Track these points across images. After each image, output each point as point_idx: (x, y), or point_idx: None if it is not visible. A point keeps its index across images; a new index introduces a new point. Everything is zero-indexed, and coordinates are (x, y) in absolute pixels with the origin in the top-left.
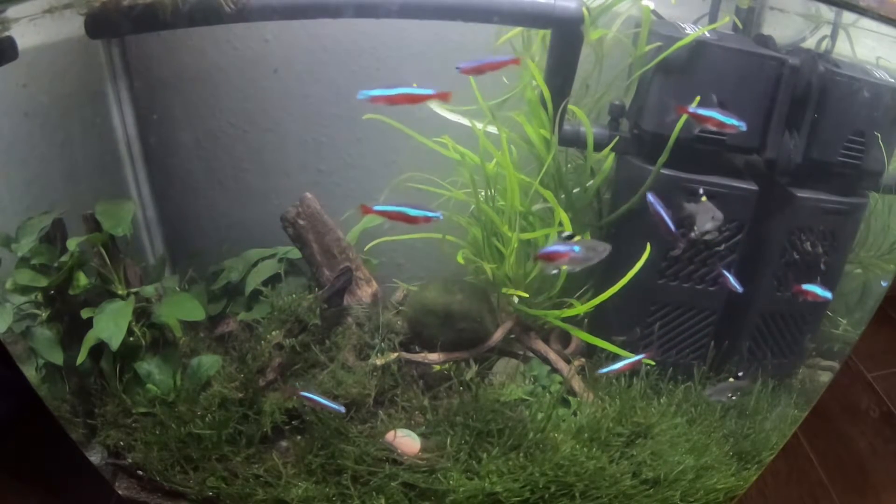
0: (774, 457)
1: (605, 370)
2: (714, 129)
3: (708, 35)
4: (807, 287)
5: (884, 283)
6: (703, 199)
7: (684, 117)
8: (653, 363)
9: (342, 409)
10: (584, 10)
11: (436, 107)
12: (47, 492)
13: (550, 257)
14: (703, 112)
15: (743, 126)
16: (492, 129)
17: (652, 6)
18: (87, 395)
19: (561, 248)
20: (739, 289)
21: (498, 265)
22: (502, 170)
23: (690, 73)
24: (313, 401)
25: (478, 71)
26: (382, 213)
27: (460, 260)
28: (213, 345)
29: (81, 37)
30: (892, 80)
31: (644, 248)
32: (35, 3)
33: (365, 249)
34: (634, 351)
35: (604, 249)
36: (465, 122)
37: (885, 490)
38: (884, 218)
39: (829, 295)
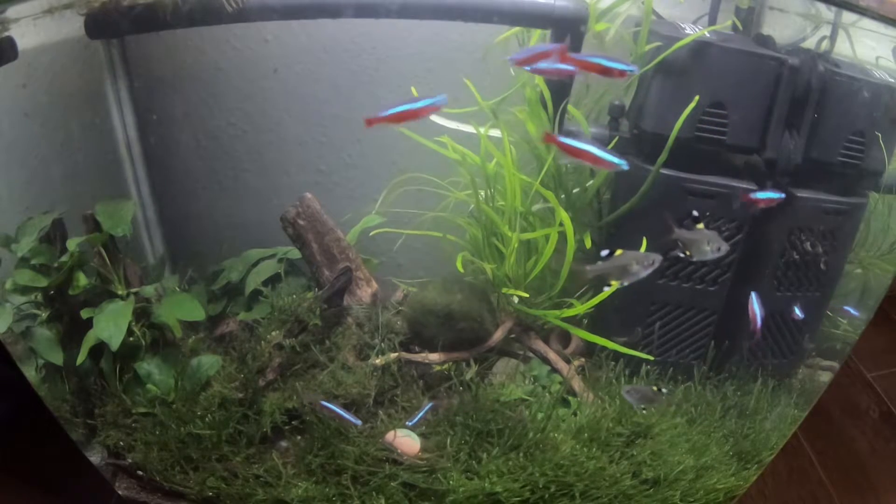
0: (774, 457)
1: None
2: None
3: (708, 35)
4: (759, 195)
5: None
6: (700, 225)
7: (683, 117)
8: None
9: (359, 423)
10: (588, 6)
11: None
12: (47, 492)
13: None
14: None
15: (634, 70)
16: (493, 132)
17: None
18: (87, 395)
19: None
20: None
21: (498, 265)
22: (502, 170)
23: (690, 73)
24: (333, 412)
25: (528, 62)
26: (566, 148)
27: (459, 267)
28: (213, 345)
29: (81, 37)
30: (892, 80)
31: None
32: (35, 3)
33: (370, 234)
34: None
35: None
36: (467, 128)
37: (885, 490)
38: (884, 218)
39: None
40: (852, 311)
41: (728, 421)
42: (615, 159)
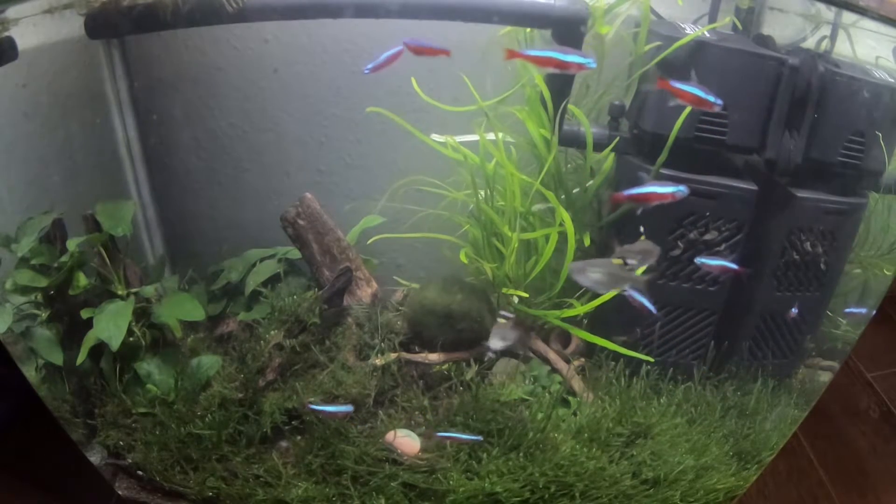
0: (774, 457)
1: None
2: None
3: (708, 35)
4: (709, 262)
5: None
6: (642, 237)
7: (683, 117)
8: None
9: (350, 408)
10: (588, 6)
11: (441, 138)
12: (47, 492)
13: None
14: (682, 86)
15: (720, 102)
16: (491, 136)
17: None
18: (87, 395)
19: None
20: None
21: (498, 265)
22: (502, 170)
23: (690, 73)
24: (323, 412)
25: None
26: (532, 59)
27: (463, 259)
28: (213, 345)
29: (81, 37)
30: (892, 80)
31: None
32: (35, 3)
33: (368, 243)
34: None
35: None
36: (472, 137)
37: (885, 490)
38: (884, 218)
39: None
40: (855, 310)
41: (728, 421)
42: (581, 59)
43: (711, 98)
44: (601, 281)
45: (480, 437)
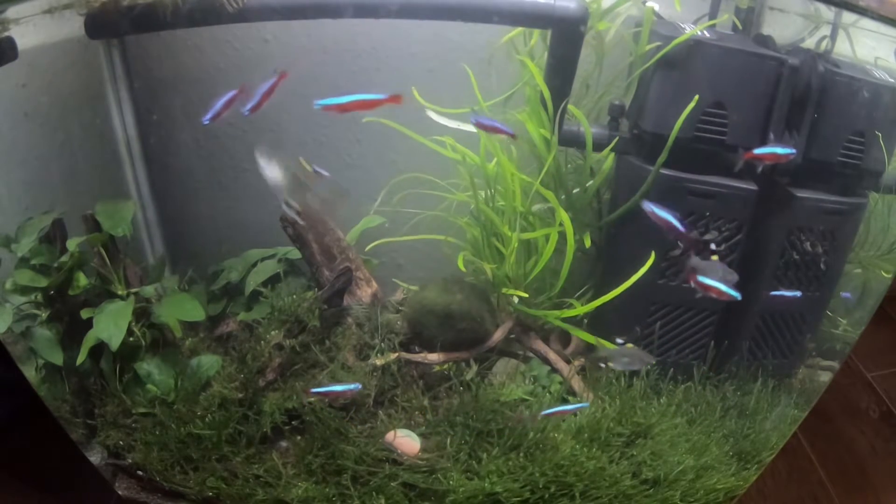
0: (774, 457)
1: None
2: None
3: (707, 34)
4: (704, 280)
5: None
6: (715, 257)
7: (683, 116)
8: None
9: (358, 386)
10: (587, 7)
11: (434, 114)
12: (47, 492)
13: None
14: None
15: (794, 152)
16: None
17: (656, 7)
18: (87, 396)
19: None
20: None
21: (498, 265)
22: (502, 170)
23: (690, 72)
24: (327, 393)
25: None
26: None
27: (461, 266)
28: (213, 345)
29: (81, 37)
30: (892, 80)
31: (643, 248)
32: (35, 3)
33: (366, 250)
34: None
35: None
36: (468, 128)
37: (885, 490)
38: (884, 218)
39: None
40: (848, 295)
41: (728, 421)
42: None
43: (682, 228)
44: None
45: (359, 385)
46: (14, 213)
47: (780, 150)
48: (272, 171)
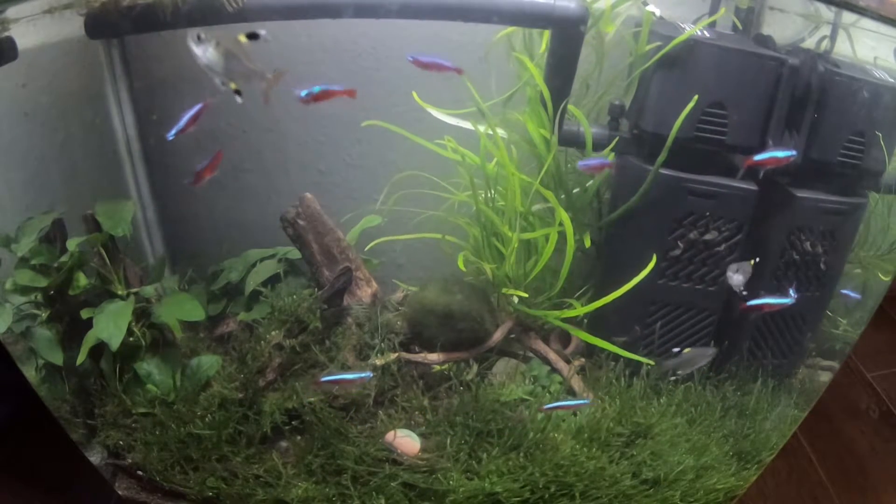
0: (774, 457)
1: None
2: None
3: (707, 34)
4: (757, 302)
5: None
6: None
7: (682, 116)
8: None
9: (370, 375)
10: (587, 7)
11: (435, 111)
12: (47, 492)
13: None
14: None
15: (795, 154)
16: (492, 131)
17: (657, 13)
18: (87, 396)
19: None
20: None
21: (498, 265)
22: (502, 170)
23: (690, 72)
24: (338, 381)
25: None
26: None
27: (461, 266)
28: (213, 345)
29: (81, 37)
30: (892, 80)
31: (643, 248)
32: (35, 3)
33: (365, 249)
34: (634, 351)
35: None
36: (466, 125)
37: (885, 490)
38: (884, 218)
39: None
40: (851, 294)
41: (728, 421)
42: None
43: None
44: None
45: (370, 374)
46: (14, 213)
47: (780, 154)
48: (205, 52)
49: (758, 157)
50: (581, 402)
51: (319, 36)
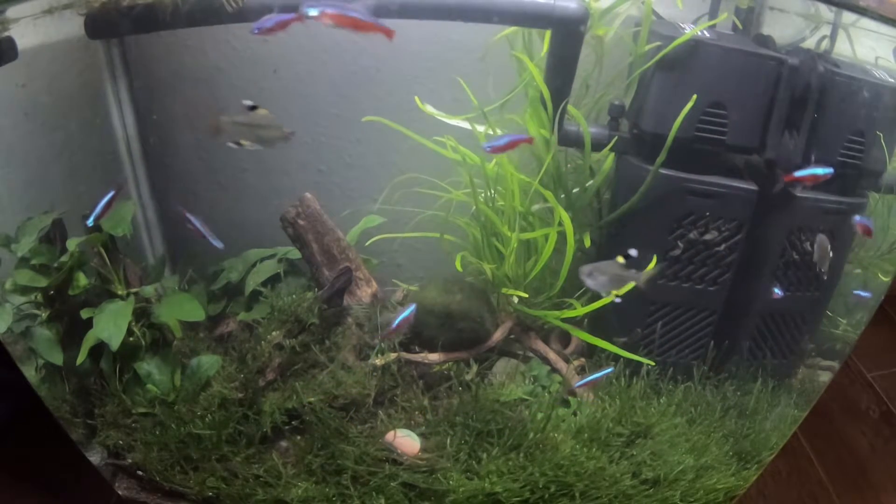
0: (774, 457)
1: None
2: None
3: (707, 34)
4: (802, 174)
5: None
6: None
7: (682, 116)
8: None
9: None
10: (587, 7)
11: (436, 112)
12: (47, 492)
13: None
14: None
15: (832, 172)
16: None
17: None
18: (87, 395)
19: None
20: None
21: (498, 265)
22: (502, 170)
23: (690, 72)
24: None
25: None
26: (336, 18)
27: (458, 267)
28: (213, 345)
29: (81, 37)
30: (892, 80)
31: (643, 248)
32: (35, 3)
33: (366, 245)
34: (634, 351)
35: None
36: (465, 124)
37: (885, 490)
38: (884, 218)
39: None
40: (862, 293)
41: (728, 421)
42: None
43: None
44: (606, 283)
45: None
46: (14, 213)
47: (819, 171)
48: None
49: (798, 174)
50: (606, 370)
51: (319, 36)
